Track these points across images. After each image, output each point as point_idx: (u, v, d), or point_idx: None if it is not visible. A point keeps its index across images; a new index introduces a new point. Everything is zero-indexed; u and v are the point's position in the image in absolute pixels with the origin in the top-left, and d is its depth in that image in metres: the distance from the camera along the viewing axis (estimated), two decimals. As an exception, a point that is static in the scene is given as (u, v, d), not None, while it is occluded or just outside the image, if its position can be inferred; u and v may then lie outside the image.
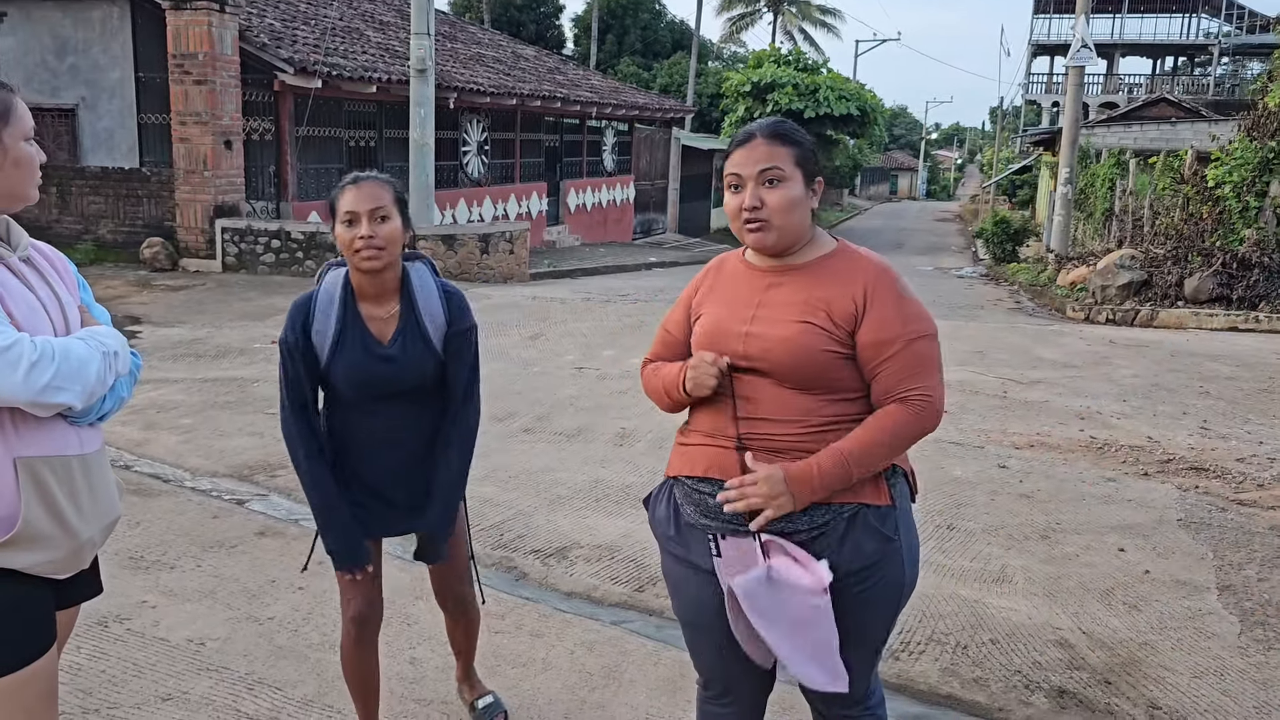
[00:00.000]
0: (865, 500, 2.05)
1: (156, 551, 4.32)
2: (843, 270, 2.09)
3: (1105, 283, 12.54)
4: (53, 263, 2.01)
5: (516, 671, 3.40)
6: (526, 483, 5.34)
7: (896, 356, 2.01)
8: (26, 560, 1.78)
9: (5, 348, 1.69)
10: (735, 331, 2.10)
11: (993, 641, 3.67)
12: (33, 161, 1.90)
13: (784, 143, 2.08)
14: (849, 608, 2.05)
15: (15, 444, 1.76)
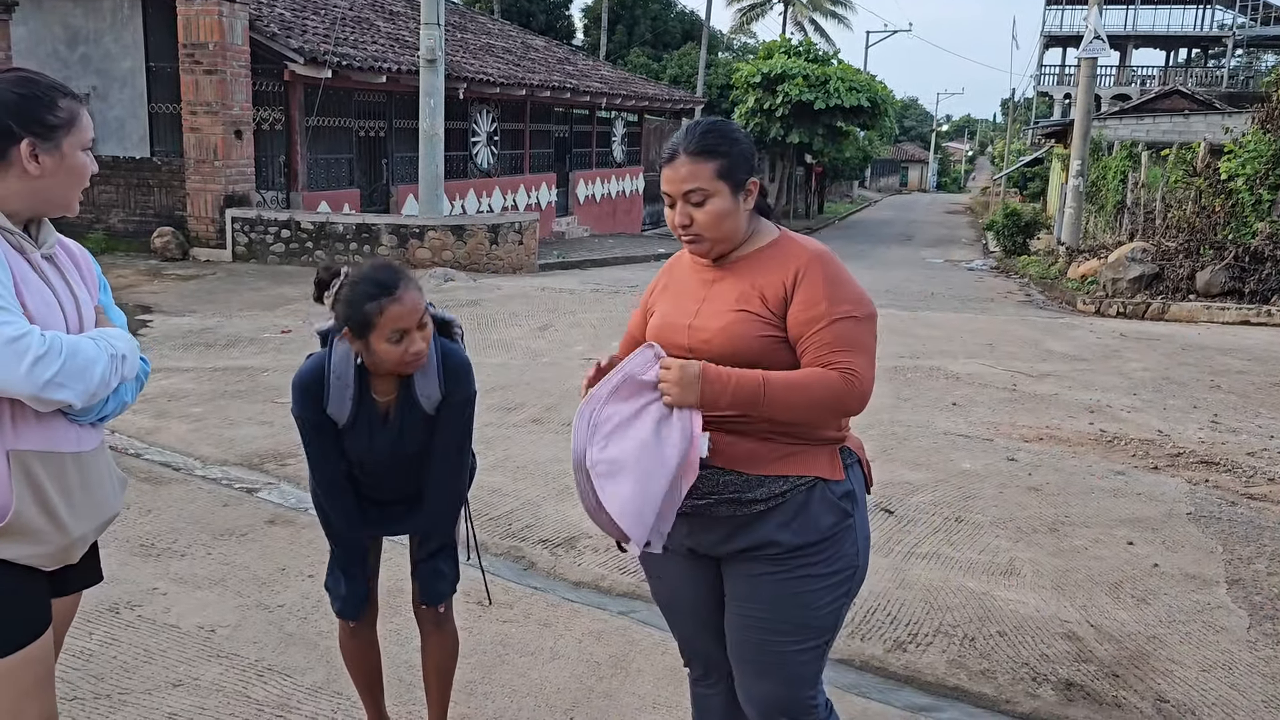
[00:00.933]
0: (821, 474, 2.10)
1: (167, 539, 4.34)
2: (777, 258, 2.14)
3: (1116, 275, 12.49)
4: (76, 261, 2.03)
5: (525, 660, 3.41)
6: (535, 473, 5.36)
7: (820, 333, 2.02)
8: (14, 552, 1.81)
9: (14, 338, 1.70)
10: (680, 325, 2.17)
11: (1000, 634, 3.67)
12: (85, 171, 1.93)
13: (706, 158, 2.09)
14: (799, 583, 2.11)
15: (10, 437, 1.79)
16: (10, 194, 1.86)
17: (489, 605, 2.95)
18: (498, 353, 8.27)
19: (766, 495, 2.09)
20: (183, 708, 3.03)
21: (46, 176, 1.86)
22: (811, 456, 2.11)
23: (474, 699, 3.15)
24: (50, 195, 1.89)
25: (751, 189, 2.14)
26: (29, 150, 1.84)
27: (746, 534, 2.12)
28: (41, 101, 1.88)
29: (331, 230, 13.25)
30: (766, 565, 2.13)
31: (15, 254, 1.84)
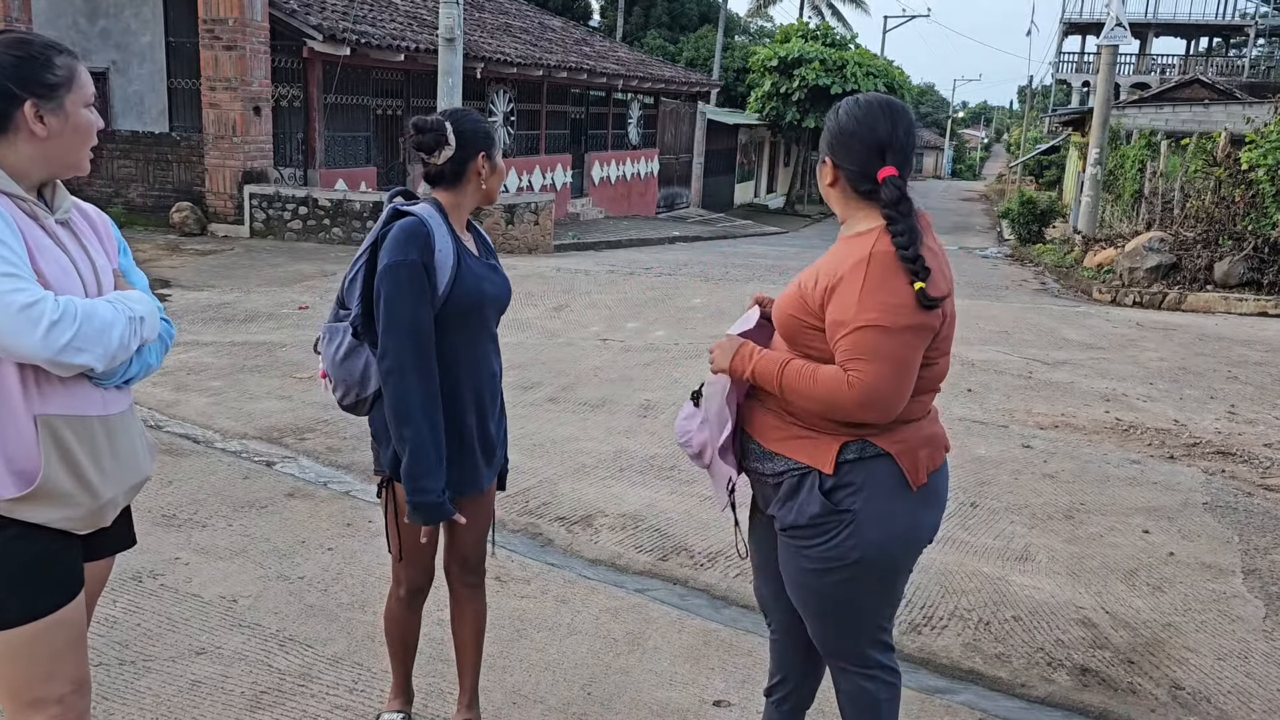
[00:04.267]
0: (818, 465, 2.15)
1: (188, 510, 4.39)
2: (842, 254, 2.16)
3: (1133, 265, 12.42)
4: (94, 225, 2.02)
5: (542, 635, 3.44)
6: (551, 451, 5.38)
7: (844, 338, 2.06)
8: (46, 515, 1.83)
9: (27, 305, 1.71)
10: (779, 296, 2.34)
11: (1015, 619, 3.69)
12: (91, 129, 1.91)
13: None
14: (795, 560, 2.23)
15: (37, 402, 1.80)
16: (21, 160, 1.84)
17: (493, 554, 2.88)
18: (514, 332, 8.29)
19: (772, 471, 2.23)
20: (206, 675, 3.07)
21: (53, 138, 1.85)
22: (810, 445, 2.16)
23: (493, 672, 3.18)
24: (60, 156, 1.88)
25: (820, 169, 2.26)
26: (33, 112, 1.82)
27: (767, 502, 2.28)
28: (39, 61, 1.85)
29: (348, 208, 13.27)
30: (781, 540, 2.28)
31: (29, 221, 1.83)
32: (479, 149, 2.53)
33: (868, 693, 2.30)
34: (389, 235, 2.43)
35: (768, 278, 12.29)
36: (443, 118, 2.52)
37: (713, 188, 31.10)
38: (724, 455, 2.29)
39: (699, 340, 8.16)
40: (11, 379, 1.78)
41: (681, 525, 4.45)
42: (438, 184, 2.56)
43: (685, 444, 2.38)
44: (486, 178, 2.57)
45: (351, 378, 2.52)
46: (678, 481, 4.99)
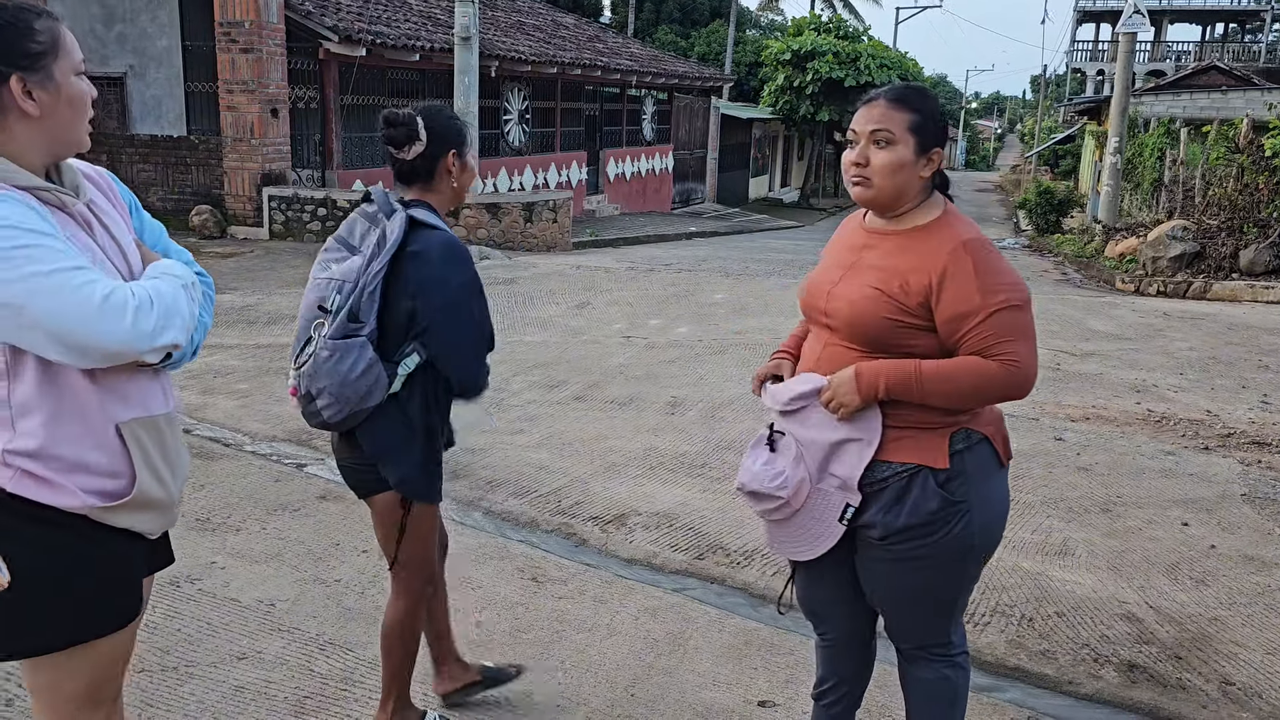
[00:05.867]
0: (927, 462, 2.12)
1: (222, 514, 4.39)
2: (928, 244, 2.12)
3: (1156, 254, 12.32)
4: (106, 193, 1.90)
5: (582, 636, 3.42)
6: (581, 450, 5.36)
7: (979, 326, 2.05)
8: (137, 521, 1.80)
9: (106, 295, 1.63)
10: (823, 289, 2.24)
11: (1058, 614, 3.65)
12: (85, 98, 1.75)
13: (902, 107, 2.12)
14: (904, 563, 2.17)
15: (115, 408, 1.75)
16: (17, 145, 1.68)
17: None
18: (537, 330, 8.27)
19: (869, 480, 2.15)
20: (249, 680, 3.07)
21: (47, 115, 1.68)
22: (917, 443, 2.13)
23: (533, 674, 3.16)
24: (58, 134, 1.72)
25: (934, 158, 2.16)
26: (20, 88, 1.65)
27: (856, 514, 2.20)
28: (16, 29, 1.66)
29: (366, 208, 13.27)
30: (871, 547, 2.22)
31: (60, 214, 1.72)
32: (450, 146, 2.50)
33: (949, 681, 2.31)
34: (445, 251, 2.41)
35: (788, 272, 12.24)
36: (415, 113, 2.48)
37: (727, 183, 31.03)
38: (843, 485, 2.16)
39: (722, 336, 8.13)
40: (86, 391, 1.73)
41: (715, 523, 4.42)
42: (411, 182, 2.52)
43: (780, 487, 2.17)
44: (458, 175, 2.54)
45: (356, 394, 2.37)
46: (709, 479, 4.97)
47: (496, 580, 3.82)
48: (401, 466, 2.50)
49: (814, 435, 2.16)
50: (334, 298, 2.39)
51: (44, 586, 1.73)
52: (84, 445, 1.72)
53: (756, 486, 2.20)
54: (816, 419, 2.16)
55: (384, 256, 2.36)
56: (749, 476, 2.22)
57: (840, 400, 2.11)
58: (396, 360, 2.40)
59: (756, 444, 2.26)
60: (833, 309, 2.18)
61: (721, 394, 6.46)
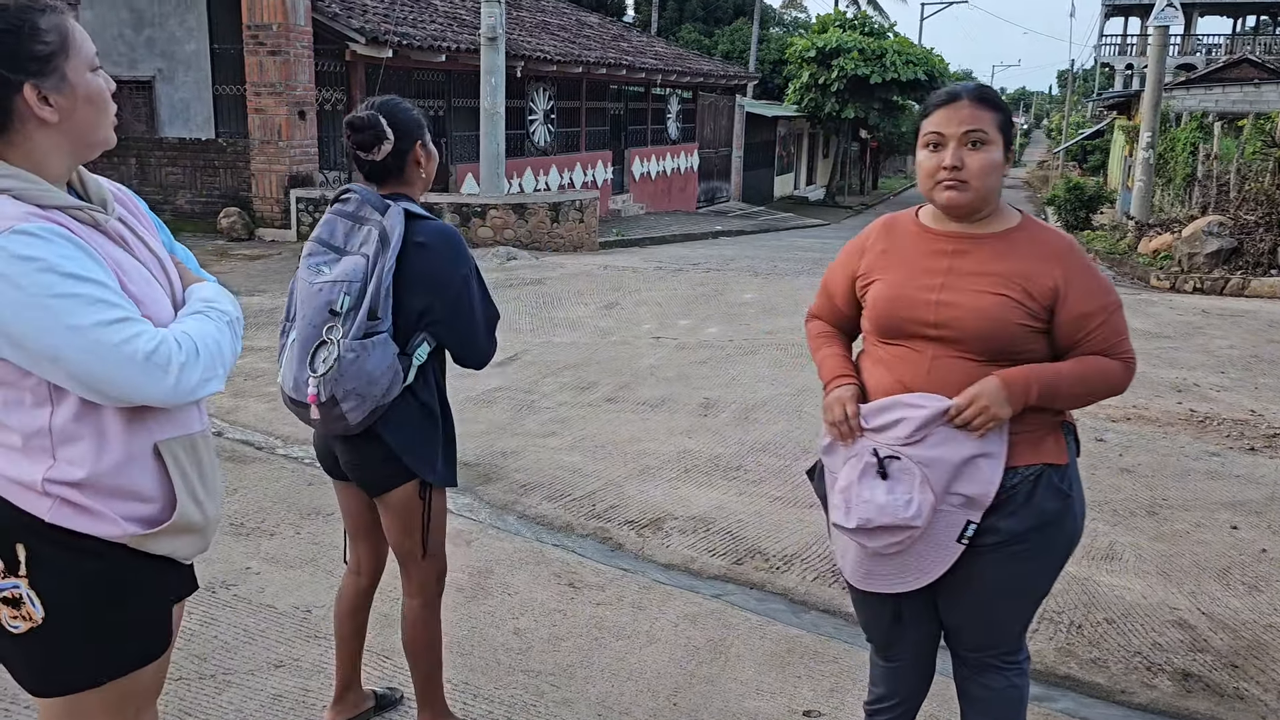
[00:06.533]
0: (1049, 460, 2.08)
1: (256, 518, 4.37)
2: (1035, 244, 2.09)
3: (1192, 250, 12.12)
4: (133, 212, 1.79)
5: (621, 644, 3.37)
6: (614, 453, 5.31)
7: (1101, 327, 2.06)
8: (176, 546, 1.72)
9: (150, 352, 1.55)
10: (923, 299, 2.10)
11: (1108, 621, 3.56)
12: (104, 95, 1.64)
13: (989, 106, 2.06)
14: (1018, 563, 2.11)
15: (154, 428, 1.67)
16: (39, 156, 1.59)
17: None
18: (566, 331, 8.23)
19: (999, 489, 2.08)
20: (287, 689, 3.03)
21: (66, 119, 1.59)
22: (1037, 443, 2.09)
23: (574, 683, 3.11)
24: (81, 137, 1.62)
25: (1011, 156, 2.13)
26: (35, 95, 1.55)
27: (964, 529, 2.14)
28: (21, 31, 1.55)
29: (393, 210, 13.28)
30: (980, 555, 2.11)
31: (97, 235, 1.62)
32: (415, 137, 2.49)
33: (1017, 689, 2.27)
34: (447, 242, 2.42)
35: (816, 271, 12.13)
36: (375, 112, 2.44)
37: (752, 181, 30.91)
38: (968, 502, 2.05)
39: (753, 336, 8.05)
40: (129, 412, 1.64)
41: (753, 527, 4.36)
42: (384, 180, 2.49)
43: (915, 516, 2.01)
44: (425, 164, 2.54)
45: (380, 391, 2.35)
46: (745, 482, 4.90)
47: (533, 586, 3.78)
48: (428, 455, 2.51)
49: (938, 454, 2.03)
50: (343, 299, 2.35)
51: (78, 621, 1.65)
52: (126, 470, 1.65)
53: (888, 520, 2.02)
54: (939, 437, 2.03)
55: (393, 252, 2.35)
56: (874, 510, 2.03)
57: (994, 414, 1.99)
58: (410, 352, 2.41)
59: (864, 474, 2.07)
60: (947, 319, 2.05)
61: (754, 395, 6.39)
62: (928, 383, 2.07)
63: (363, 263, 2.36)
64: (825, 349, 2.30)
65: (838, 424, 2.12)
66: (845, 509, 2.09)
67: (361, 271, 2.35)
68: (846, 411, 2.11)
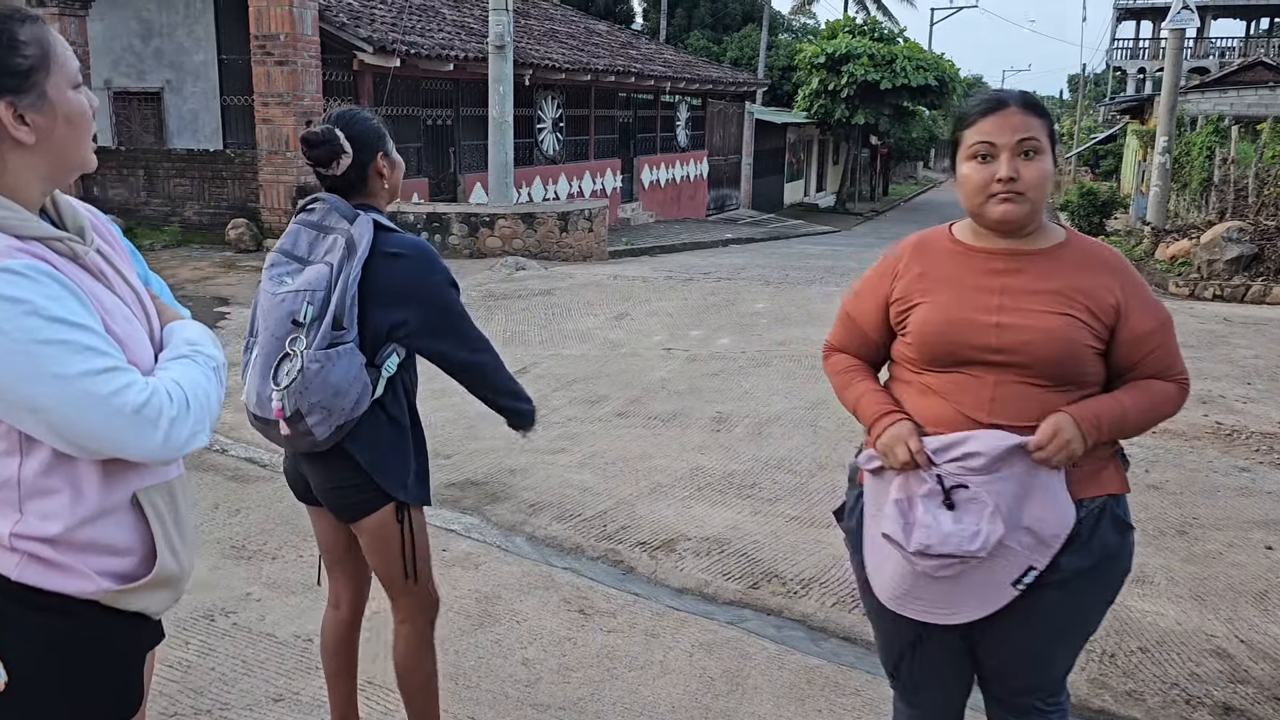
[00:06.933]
0: (1111, 490, 1.97)
1: (258, 541, 4.25)
2: (1089, 259, 1.97)
3: (1211, 257, 11.94)
4: (107, 240, 1.65)
5: (634, 675, 3.23)
6: (625, 470, 5.18)
7: (1159, 348, 1.94)
8: (151, 601, 1.59)
9: (142, 404, 1.43)
10: (981, 322, 1.93)
11: (1142, 650, 3.41)
12: (85, 114, 1.51)
13: (1037, 113, 1.93)
14: (1076, 601, 1.99)
15: (133, 478, 1.54)
16: (16, 177, 1.46)
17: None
18: (575, 343, 8.11)
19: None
20: (285, 725, 2.91)
21: (44, 139, 1.46)
22: (1099, 473, 1.96)
23: (584, 718, 2.98)
24: (59, 159, 1.50)
25: (1057, 166, 2.04)
26: (10, 114, 1.42)
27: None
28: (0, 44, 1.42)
29: (402, 220, 13.20)
30: (1036, 594, 1.96)
31: (75, 269, 1.48)
32: (376, 149, 2.37)
33: None
34: (423, 253, 2.34)
35: (828, 279, 12.00)
36: (331, 125, 2.33)
37: (762, 188, 30.77)
38: (1039, 543, 1.91)
39: (766, 348, 7.92)
40: (97, 462, 1.50)
41: (769, 549, 4.22)
42: (347, 194, 2.37)
43: (982, 548, 1.87)
44: (389, 176, 2.42)
45: (348, 404, 2.24)
46: (759, 500, 4.77)
47: (542, 613, 3.65)
48: (399, 471, 2.39)
49: (1010, 487, 1.88)
50: (306, 309, 2.23)
51: (46, 684, 1.51)
52: (102, 523, 1.52)
53: (951, 549, 1.87)
54: (1012, 470, 1.89)
55: (359, 260, 2.24)
56: (937, 538, 1.88)
57: (1074, 450, 1.85)
58: (378, 363, 2.29)
59: (928, 498, 1.91)
60: (1012, 343, 1.89)
61: (768, 409, 6.26)
62: (990, 411, 1.91)
63: (326, 271, 2.24)
64: (858, 384, 2.13)
65: (904, 465, 1.94)
66: (902, 524, 1.92)
67: (325, 280, 2.24)
68: (911, 449, 1.92)
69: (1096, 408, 1.89)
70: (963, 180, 1.96)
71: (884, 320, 2.09)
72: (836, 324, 2.22)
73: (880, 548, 2.01)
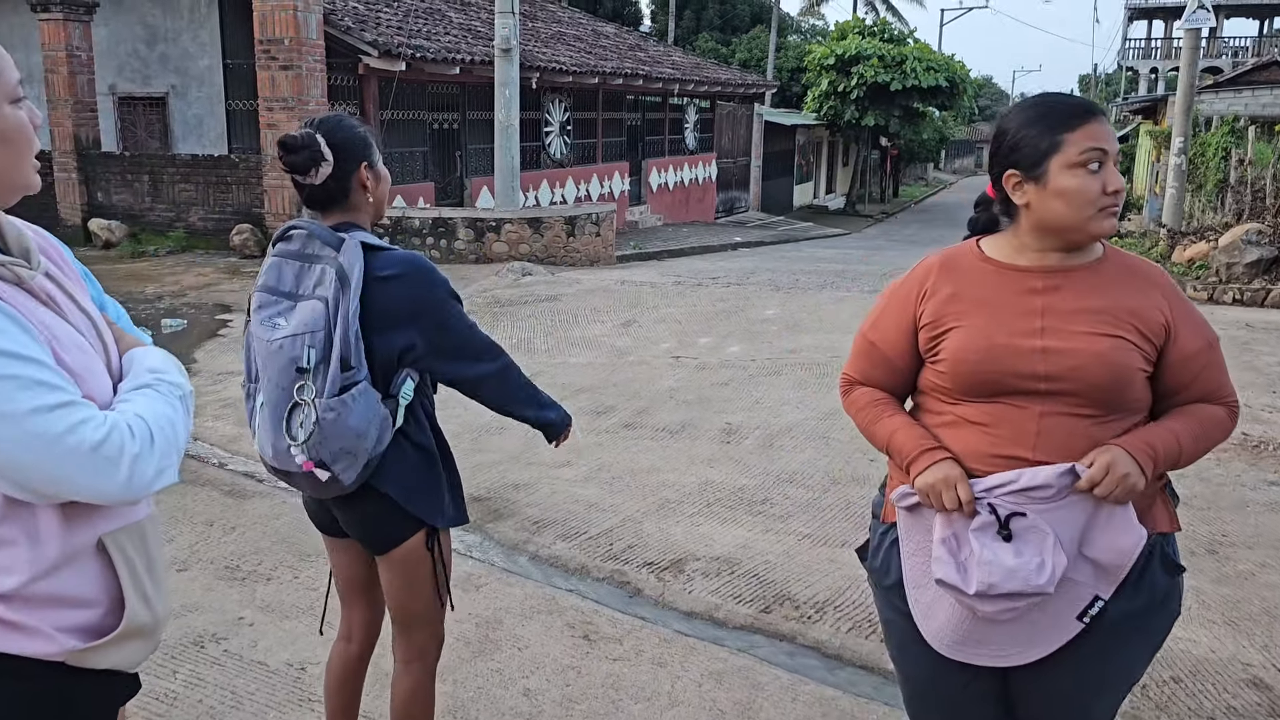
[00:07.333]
0: (1161, 528, 1.81)
1: (252, 560, 4.11)
2: (1131, 274, 1.81)
3: (1230, 260, 11.72)
4: (57, 262, 1.51)
5: (640, 707, 3.08)
6: (632, 485, 5.03)
7: (1208, 368, 1.79)
8: (121, 657, 1.44)
9: (100, 442, 1.30)
10: (1024, 347, 1.77)
11: (1175, 680, 3.25)
12: (24, 131, 1.37)
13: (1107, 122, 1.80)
14: (1125, 648, 1.84)
15: (98, 521, 1.40)
16: None
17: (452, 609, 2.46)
18: (582, 351, 7.97)
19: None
20: (273, 763, 2.77)
21: None
22: (1149, 509, 1.80)
23: (588, 755, 2.83)
24: None
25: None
26: None
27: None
28: None
29: (408, 225, 13.09)
30: (1090, 638, 1.81)
31: (20, 295, 1.35)
32: (359, 159, 2.19)
33: None
34: (419, 270, 2.18)
35: (839, 284, 11.83)
36: (312, 130, 2.15)
37: (771, 190, 30.61)
38: (1101, 573, 1.77)
39: (776, 356, 7.75)
40: (57, 506, 1.35)
41: (781, 569, 4.06)
42: (328, 207, 2.21)
43: (1049, 583, 1.70)
44: (373, 189, 2.24)
45: (371, 443, 2.11)
46: (771, 518, 4.61)
47: (545, 639, 3.50)
48: (434, 499, 2.27)
49: (1070, 514, 1.73)
50: (308, 353, 2.07)
51: None
52: (63, 573, 1.37)
53: (1017, 586, 1.69)
54: (1072, 497, 1.73)
55: (354, 292, 2.07)
56: (1001, 575, 1.69)
57: (1133, 484, 1.69)
58: (394, 393, 2.15)
59: (981, 531, 1.74)
60: (1060, 370, 1.73)
61: (779, 419, 6.10)
62: (1035, 446, 1.75)
63: (321, 308, 2.07)
64: (887, 418, 1.93)
65: (950, 512, 1.77)
66: (956, 565, 1.75)
67: (323, 318, 2.07)
68: (961, 499, 1.75)
69: (1149, 437, 1.74)
70: (1071, 191, 1.74)
71: (911, 347, 1.91)
72: (855, 355, 2.04)
73: (927, 589, 1.85)
